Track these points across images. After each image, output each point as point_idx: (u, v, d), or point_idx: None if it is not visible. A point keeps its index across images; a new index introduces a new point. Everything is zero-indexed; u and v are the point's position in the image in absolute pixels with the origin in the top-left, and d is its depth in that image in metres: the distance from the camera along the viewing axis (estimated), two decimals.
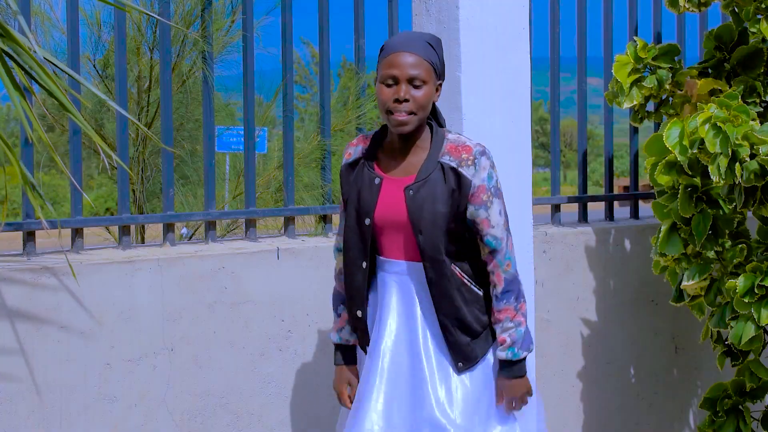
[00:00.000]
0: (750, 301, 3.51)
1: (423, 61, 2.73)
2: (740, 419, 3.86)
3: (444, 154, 2.78)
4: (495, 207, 2.79)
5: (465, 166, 2.76)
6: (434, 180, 2.76)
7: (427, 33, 2.86)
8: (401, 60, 2.72)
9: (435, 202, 2.75)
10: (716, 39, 3.94)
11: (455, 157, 2.77)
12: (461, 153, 2.77)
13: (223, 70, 4.61)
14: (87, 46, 4.72)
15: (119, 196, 3.50)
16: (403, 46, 2.74)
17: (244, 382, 3.48)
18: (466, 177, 2.75)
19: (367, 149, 2.87)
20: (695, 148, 3.50)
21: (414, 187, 2.76)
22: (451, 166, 2.76)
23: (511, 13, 3.66)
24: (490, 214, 2.78)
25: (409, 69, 2.72)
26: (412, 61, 2.72)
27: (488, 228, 2.79)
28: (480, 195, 2.76)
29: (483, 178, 2.77)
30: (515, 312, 2.82)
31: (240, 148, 5.18)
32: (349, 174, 2.88)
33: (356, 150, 2.89)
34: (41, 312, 3.11)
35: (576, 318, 4.24)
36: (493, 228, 2.79)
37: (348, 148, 2.92)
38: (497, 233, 2.80)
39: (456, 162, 2.76)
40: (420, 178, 2.77)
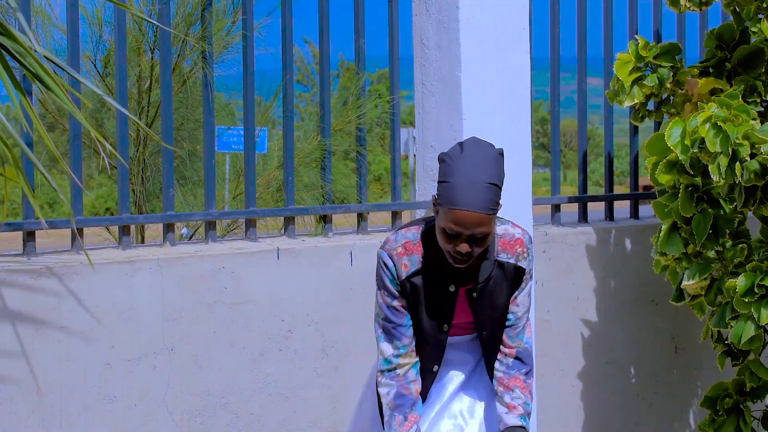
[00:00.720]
0: (750, 301, 3.51)
1: (489, 216, 2.60)
2: (740, 418, 3.86)
3: (499, 252, 2.75)
4: (527, 287, 2.81)
5: (522, 260, 2.77)
6: (496, 279, 2.76)
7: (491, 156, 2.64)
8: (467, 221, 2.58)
9: (498, 301, 2.77)
10: (717, 38, 3.94)
11: (512, 254, 2.76)
12: (515, 248, 2.76)
13: (223, 70, 4.61)
14: (88, 45, 4.72)
15: (119, 196, 3.50)
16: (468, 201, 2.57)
17: (244, 382, 3.48)
18: (524, 269, 2.77)
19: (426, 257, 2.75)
20: (696, 148, 3.50)
21: (477, 290, 2.75)
22: (510, 263, 2.76)
23: (511, 13, 3.66)
24: (521, 294, 2.80)
25: (475, 230, 2.59)
26: (480, 221, 2.58)
27: (514, 307, 2.81)
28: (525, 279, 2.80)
29: (531, 265, 2.80)
30: (524, 384, 2.82)
31: (240, 148, 5.18)
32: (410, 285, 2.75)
33: (411, 260, 2.74)
34: (41, 312, 3.11)
35: (576, 318, 4.24)
36: (518, 307, 2.81)
37: (400, 259, 2.74)
38: (518, 312, 2.82)
39: (514, 258, 2.76)
40: (481, 280, 2.75)
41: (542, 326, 4.05)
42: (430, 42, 3.67)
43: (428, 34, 3.66)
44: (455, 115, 3.52)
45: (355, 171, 4.15)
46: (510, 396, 2.80)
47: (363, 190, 4.06)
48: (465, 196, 2.57)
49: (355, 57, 4.05)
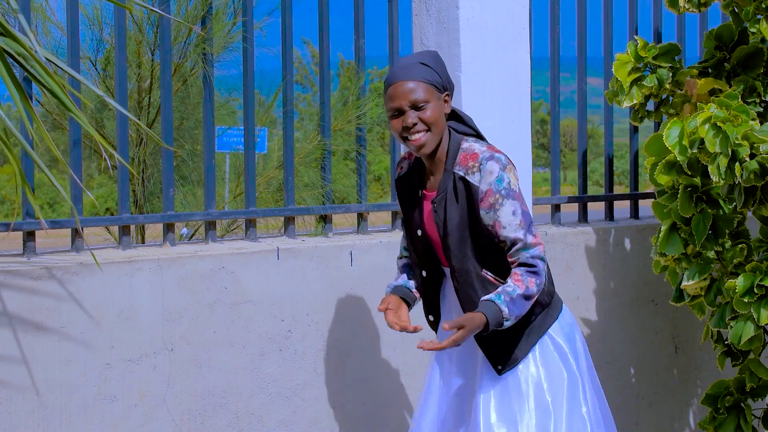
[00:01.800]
0: (750, 301, 3.51)
1: (419, 83, 2.80)
2: (741, 417, 3.86)
3: (457, 164, 2.86)
4: (506, 208, 2.80)
5: (471, 174, 2.82)
6: (450, 192, 2.85)
7: (423, 52, 2.91)
8: (399, 90, 2.81)
9: (452, 212, 2.84)
10: (716, 39, 3.94)
11: (463, 166, 2.84)
12: (468, 161, 2.83)
13: (224, 70, 4.62)
14: (87, 45, 4.72)
15: (119, 196, 3.50)
16: (397, 76, 2.82)
17: (244, 382, 3.48)
18: (473, 184, 2.81)
19: (412, 164, 2.99)
20: (695, 148, 3.50)
21: (437, 201, 2.87)
22: (459, 175, 2.84)
23: (511, 13, 3.67)
24: (500, 215, 2.80)
25: (409, 96, 2.80)
26: (410, 87, 2.80)
27: (500, 229, 2.82)
28: (488, 199, 2.80)
29: (490, 182, 2.79)
30: (520, 279, 2.81)
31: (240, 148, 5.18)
32: (400, 186, 3.01)
33: (406, 164, 3.02)
34: (41, 312, 3.11)
35: (576, 318, 4.24)
36: (505, 229, 2.81)
37: (400, 162, 3.05)
38: (509, 233, 2.81)
39: (463, 171, 2.83)
40: (440, 192, 2.87)
41: None
42: (430, 42, 3.67)
43: (428, 34, 3.66)
44: None
45: (355, 171, 4.16)
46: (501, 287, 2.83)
47: (363, 190, 4.06)
48: (396, 73, 2.83)
49: (355, 57, 4.06)
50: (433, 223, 2.90)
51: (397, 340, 3.76)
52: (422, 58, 2.86)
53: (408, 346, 3.70)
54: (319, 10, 3.88)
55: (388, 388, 3.76)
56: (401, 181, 3.00)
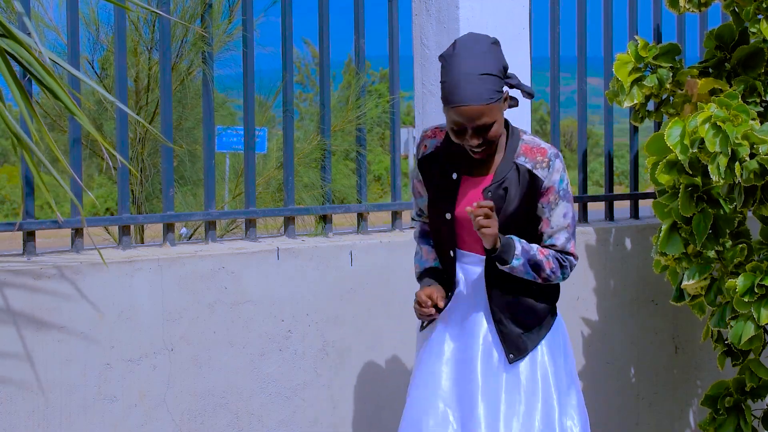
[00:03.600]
0: (750, 301, 3.51)
1: (486, 107, 2.71)
2: (741, 417, 3.86)
3: (519, 155, 2.85)
4: (559, 209, 2.85)
5: (540, 168, 2.83)
6: (510, 181, 2.83)
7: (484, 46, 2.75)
8: (465, 114, 2.70)
9: (509, 204, 2.83)
10: (717, 39, 3.94)
11: (530, 159, 2.84)
12: (536, 155, 2.84)
13: (223, 70, 4.61)
14: (84, 46, 4.72)
15: (119, 196, 3.50)
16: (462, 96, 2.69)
17: (244, 382, 3.48)
18: (539, 178, 2.82)
19: (443, 143, 2.91)
20: (695, 148, 3.51)
21: (491, 188, 2.83)
22: (526, 167, 2.83)
23: (511, 13, 3.67)
24: (552, 214, 2.85)
25: (476, 121, 2.71)
26: (477, 112, 2.70)
27: (547, 227, 2.87)
28: (548, 195, 2.84)
29: (555, 180, 2.84)
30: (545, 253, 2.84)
31: (240, 148, 5.18)
32: (425, 167, 2.94)
33: (431, 143, 2.94)
34: (41, 312, 3.11)
35: (576, 318, 4.24)
36: (552, 228, 2.86)
37: (424, 140, 2.96)
38: (553, 233, 2.87)
39: (531, 164, 2.83)
40: (496, 180, 2.84)
41: None
42: (430, 42, 3.67)
43: (428, 34, 3.66)
44: None
45: (355, 171, 4.16)
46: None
47: (363, 190, 4.06)
48: (459, 91, 2.70)
49: (355, 57, 4.06)
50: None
51: (398, 340, 3.76)
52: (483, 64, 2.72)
53: (408, 346, 3.70)
54: (319, 10, 3.88)
55: (388, 389, 3.76)
56: (428, 159, 2.92)
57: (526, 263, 2.82)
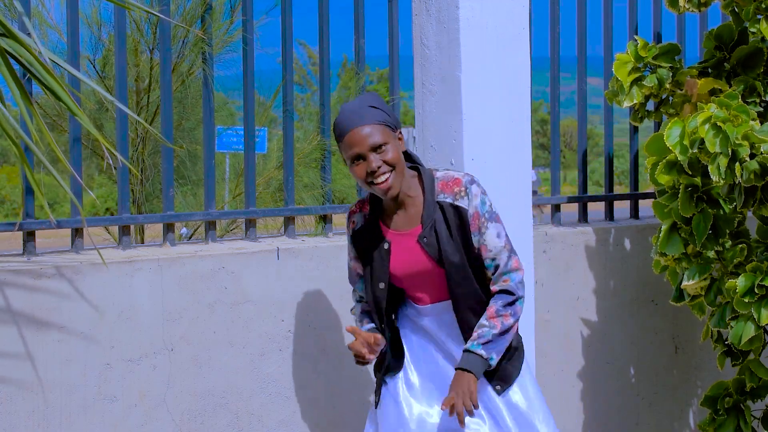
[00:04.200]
0: (750, 301, 3.51)
1: (374, 126, 2.80)
2: (741, 418, 3.86)
3: (438, 193, 2.87)
4: (490, 231, 2.87)
5: (459, 199, 2.85)
6: (439, 221, 2.86)
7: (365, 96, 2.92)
8: (356, 137, 2.80)
9: (448, 243, 2.85)
10: (716, 39, 3.94)
11: (449, 193, 2.87)
12: (453, 188, 2.87)
13: (223, 70, 4.61)
14: (85, 46, 4.72)
15: (119, 196, 3.51)
16: (351, 123, 2.81)
17: (244, 382, 3.48)
18: (462, 208, 2.85)
19: (369, 214, 2.95)
20: (695, 148, 3.50)
21: (425, 234, 2.86)
22: (448, 202, 2.86)
23: (511, 13, 3.66)
24: (486, 239, 2.87)
25: (368, 140, 2.79)
26: (367, 132, 2.80)
27: (486, 252, 2.88)
28: (475, 222, 2.86)
29: (476, 206, 2.85)
30: (495, 315, 2.87)
31: (240, 148, 5.18)
32: (358, 242, 2.97)
33: (359, 217, 2.98)
34: (41, 312, 3.11)
35: (576, 318, 4.24)
36: (491, 251, 2.88)
37: (351, 216, 3.00)
38: (494, 255, 2.88)
39: (451, 198, 2.86)
40: (426, 224, 2.86)
41: (542, 326, 4.05)
42: (430, 42, 3.66)
43: (428, 34, 3.66)
44: (455, 115, 3.52)
45: None
46: (477, 326, 2.88)
47: (363, 190, 4.06)
48: (347, 121, 2.82)
49: (355, 57, 4.06)
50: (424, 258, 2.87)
51: None
52: (368, 101, 2.85)
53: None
54: (319, 10, 3.88)
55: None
56: (359, 235, 2.97)
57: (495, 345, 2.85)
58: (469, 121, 3.52)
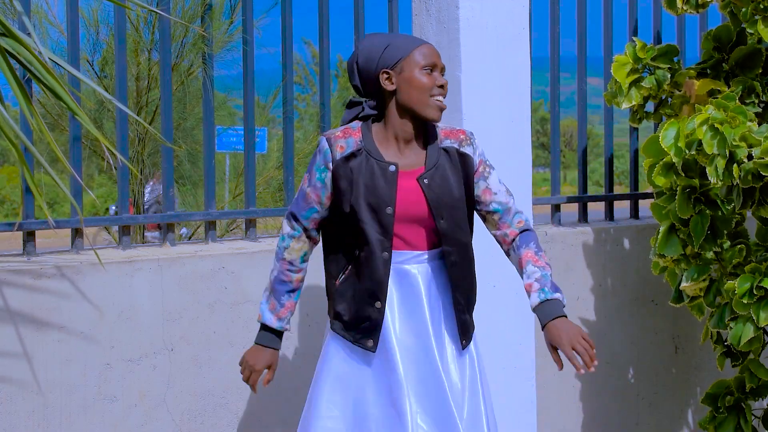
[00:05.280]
0: (749, 302, 3.51)
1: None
2: (741, 416, 3.86)
3: (443, 140, 2.89)
4: (494, 176, 2.91)
5: (466, 146, 2.89)
6: (443, 165, 2.85)
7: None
8: (435, 51, 2.86)
9: (450, 187, 2.84)
10: (714, 40, 3.94)
11: (455, 140, 2.89)
12: (458, 134, 2.90)
13: (221, 70, 4.62)
14: (85, 46, 4.72)
15: (119, 196, 3.51)
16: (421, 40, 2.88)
17: (244, 382, 3.48)
18: (468, 155, 2.88)
19: (362, 140, 2.84)
20: (693, 150, 3.51)
21: (428, 176, 2.83)
22: (455, 147, 2.88)
23: (511, 13, 3.66)
24: (489, 183, 2.90)
25: (441, 60, 2.87)
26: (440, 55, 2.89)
27: (491, 196, 2.90)
28: (480, 168, 2.90)
29: (481, 153, 2.92)
30: (536, 257, 2.85)
31: (240, 148, 5.18)
32: (345, 167, 2.82)
33: (348, 142, 2.84)
34: (41, 312, 3.11)
35: (576, 318, 4.24)
36: (496, 194, 2.90)
37: (336, 141, 2.83)
38: (501, 198, 2.91)
39: (457, 143, 2.88)
40: (430, 166, 2.84)
41: None
42: (430, 42, 3.66)
43: (428, 34, 3.66)
44: (455, 115, 3.52)
45: None
46: (525, 274, 2.84)
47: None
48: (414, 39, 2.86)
49: None
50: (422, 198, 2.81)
51: None
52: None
53: None
54: (319, 10, 3.88)
55: None
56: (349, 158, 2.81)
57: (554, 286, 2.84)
58: (469, 121, 3.52)
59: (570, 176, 29.29)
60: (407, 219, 2.83)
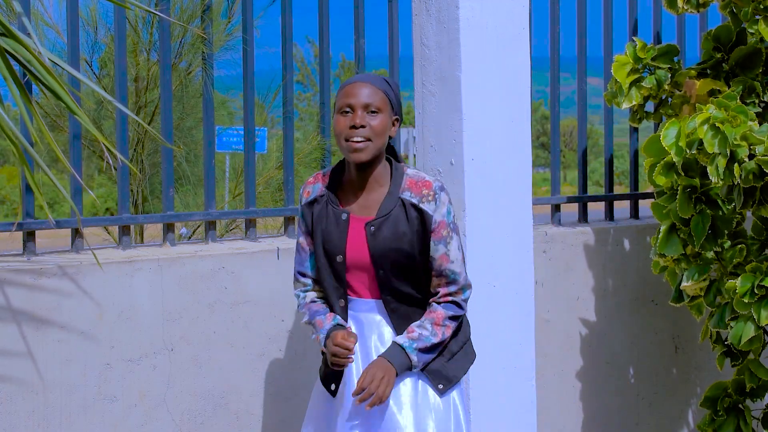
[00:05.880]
0: (750, 302, 3.51)
1: (378, 90, 2.78)
2: (740, 418, 3.86)
3: (404, 189, 2.81)
4: (454, 243, 2.81)
5: (426, 202, 2.78)
6: (395, 216, 2.78)
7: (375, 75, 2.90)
8: (356, 90, 2.77)
9: (397, 239, 2.77)
10: (714, 39, 3.94)
11: (416, 194, 2.79)
12: (422, 189, 2.80)
13: (220, 70, 4.62)
14: (83, 46, 4.72)
15: (119, 196, 3.51)
16: (359, 78, 2.80)
17: (244, 382, 3.48)
18: (427, 212, 2.78)
19: (327, 186, 2.87)
20: (694, 149, 3.51)
21: (375, 224, 2.78)
22: (412, 202, 2.79)
23: (511, 13, 3.66)
24: (449, 249, 2.80)
25: (365, 97, 2.76)
26: (368, 91, 2.77)
27: (447, 263, 2.81)
28: (440, 231, 2.79)
29: (443, 214, 2.79)
30: (442, 323, 2.80)
31: (240, 148, 5.18)
32: (309, 213, 2.87)
33: (315, 188, 2.88)
34: (41, 312, 3.11)
35: (576, 318, 4.24)
36: (453, 263, 2.81)
37: (306, 187, 2.91)
38: (455, 268, 2.82)
39: (417, 198, 2.79)
40: (381, 215, 2.78)
41: (542, 326, 4.05)
42: (430, 42, 3.66)
43: (428, 34, 3.66)
44: (455, 115, 3.52)
45: None
46: (418, 324, 2.80)
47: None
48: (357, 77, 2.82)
49: (355, 57, 4.05)
50: (365, 246, 2.79)
51: None
52: (386, 78, 2.87)
53: None
54: (319, 10, 3.88)
55: None
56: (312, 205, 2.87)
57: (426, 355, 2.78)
58: (469, 121, 3.52)
59: (570, 176, 29.29)
60: (356, 267, 2.82)
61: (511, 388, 3.66)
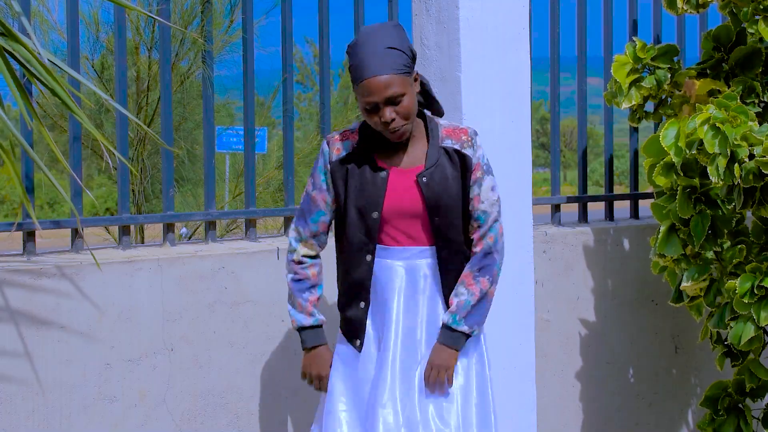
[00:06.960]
0: (750, 302, 3.51)
1: (394, 76, 2.75)
2: (741, 418, 3.86)
3: (444, 138, 2.90)
4: (486, 183, 2.90)
5: (467, 147, 2.89)
6: (443, 165, 2.87)
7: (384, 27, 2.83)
8: (374, 85, 2.75)
9: (448, 186, 2.86)
10: (714, 39, 3.94)
11: (456, 140, 2.89)
12: (460, 135, 2.90)
13: (223, 70, 4.62)
14: (84, 47, 4.72)
15: (119, 196, 3.51)
16: (370, 69, 2.75)
17: (244, 382, 3.48)
18: (468, 156, 2.88)
19: (359, 143, 2.90)
20: (694, 149, 3.51)
21: (427, 174, 2.85)
22: (454, 148, 2.88)
23: (511, 13, 3.66)
24: (481, 190, 2.89)
25: (385, 92, 2.75)
26: (385, 81, 2.74)
27: (478, 204, 2.90)
28: (476, 172, 2.89)
29: (479, 156, 2.90)
30: (473, 281, 2.88)
31: (240, 148, 5.18)
32: (340, 170, 2.89)
33: (345, 145, 2.91)
34: (41, 312, 3.11)
35: (576, 318, 4.24)
36: (483, 203, 2.90)
37: (333, 144, 2.91)
38: (486, 208, 2.90)
39: (459, 144, 2.89)
40: (430, 164, 2.86)
41: (542, 326, 4.05)
42: (430, 42, 3.66)
43: (428, 34, 3.66)
44: (455, 115, 3.52)
45: None
46: (454, 291, 2.89)
47: None
48: (365, 66, 2.75)
49: None
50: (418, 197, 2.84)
51: None
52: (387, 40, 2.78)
53: None
54: (319, 10, 3.88)
55: None
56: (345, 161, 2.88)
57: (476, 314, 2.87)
58: (469, 121, 3.52)
59: (570, 176, 29.28)
60: (398, 217, 2.86)
61: (511, 388, 3.66)
